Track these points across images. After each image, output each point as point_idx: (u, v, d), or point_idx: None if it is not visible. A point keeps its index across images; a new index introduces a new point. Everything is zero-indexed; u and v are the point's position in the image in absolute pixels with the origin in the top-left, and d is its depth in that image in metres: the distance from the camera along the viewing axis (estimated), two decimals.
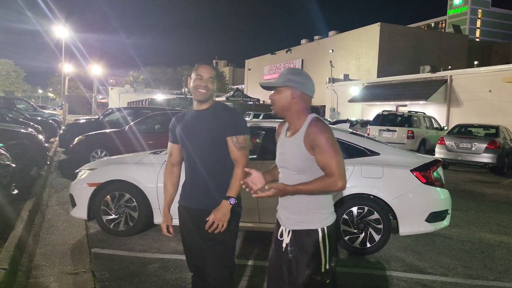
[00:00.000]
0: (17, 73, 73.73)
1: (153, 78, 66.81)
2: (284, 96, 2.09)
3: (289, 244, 2.11)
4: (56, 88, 73.77)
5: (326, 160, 1.95)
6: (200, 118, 2.43)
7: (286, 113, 2.12)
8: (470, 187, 9.96)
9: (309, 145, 1.99)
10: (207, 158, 2.40)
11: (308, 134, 1.99)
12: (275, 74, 53.46)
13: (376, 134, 16.16)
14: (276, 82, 2.11)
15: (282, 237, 2.16)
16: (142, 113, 12.32)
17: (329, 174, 1.95)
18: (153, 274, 3.85)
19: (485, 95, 23.10)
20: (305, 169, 2.02)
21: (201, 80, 2.38)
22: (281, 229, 2.18)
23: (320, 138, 1.96)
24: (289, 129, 2.16)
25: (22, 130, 9.44)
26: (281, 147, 2.16)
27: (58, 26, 28.76)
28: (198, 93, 2.38)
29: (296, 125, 2.09)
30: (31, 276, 3.74)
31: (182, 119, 2.53)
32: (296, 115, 2.09)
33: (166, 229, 2.53)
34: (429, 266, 4.38)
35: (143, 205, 4.84)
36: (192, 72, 2.46)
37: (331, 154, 1.95)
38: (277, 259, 2.19)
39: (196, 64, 2.50)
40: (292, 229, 2.10)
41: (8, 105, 18.39)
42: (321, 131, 1.97)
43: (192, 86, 2.42)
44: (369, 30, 41.05)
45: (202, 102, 2.42)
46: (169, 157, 2.62)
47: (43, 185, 7.68)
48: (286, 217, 2.14)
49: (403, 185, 4.56)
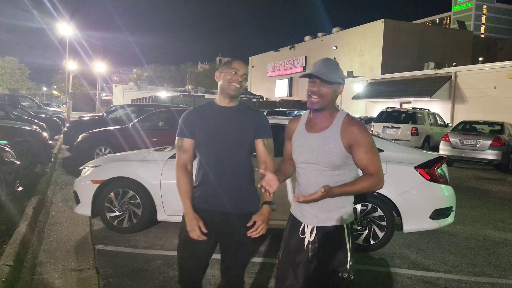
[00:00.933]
0: (22, 71, 74.13)
1: (157, 75, 66.98)
2: (334, 91, 2.04)
3: (312, 242, 2.06)
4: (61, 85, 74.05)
5: (369, 160, 1.96)
6: (229, 116, 2.31)
7: (327, 108, 2.06)
8: (474, 184, 9.92)
9: (348, 143, 1.97)
10: (236, 158, 2.30)
11: (348, 131, 1.97)
12: (278, 71, 53.36)
13: (380, 131, 16.12)
14: (331, 76, 2.01)
15: (303, 234, 2.10)
16: (146, 111, 12.34)
17: (372, 174, 1.97)
18: (156, 270, 3.86)
19: (490, 91, 22.96)
20: (341, 165, 2.00)
21: (235, 74, 2.27)
22: (302, 226, 2.11)
23: (364, 138, 1.96)
24: (312, 124, 2.10)
25: (26, 127, 9.48)
26: (303, 143, 2.09)
27: (62, 24, 28.81)
28: (232, 87, 2.27)
29: (326, 120, 2.05)
30: (35, 273, 3.76)
31: (204, 114, 2.34)
32: (332, 110, 2.07)
33: (199, 229, 2.22)
34: (433, 263, 4.37)
35: (146, 202, 4.85)
36: (224, 66, 2.35)
37: (374, 154, 1.97)
38: (292, 258, 2.12)
39: (229, 58, 2.41)
40: (318, 226, 2.06)
41: (12, 103, 18.48)
42: (364, 130, 1.98)
43: (224, 79, 2.29)
44: (373, 27, 40.85)
45: (233, 98, 2.32)
46: (183, 154, 2.34)
47: (48, 182, 7.72)
48: (313, 214, 2.07)
49: (407, 182, 4.55)
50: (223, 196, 2.29)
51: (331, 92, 2.02)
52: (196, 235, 2.21)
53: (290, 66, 51.23)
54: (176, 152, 2.38)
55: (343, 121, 2.01)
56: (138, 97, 43.93)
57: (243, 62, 2.34)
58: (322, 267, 2.04)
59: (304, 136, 2.11)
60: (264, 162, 2.33)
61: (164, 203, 4.75)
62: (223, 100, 2.34)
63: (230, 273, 2.38)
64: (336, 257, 2.02)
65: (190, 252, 2.35)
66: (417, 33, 41.68)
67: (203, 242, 2.29)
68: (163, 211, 4.78)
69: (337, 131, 2.00)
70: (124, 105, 15.81)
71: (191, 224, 2.24)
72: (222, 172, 2.29)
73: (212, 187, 2.30)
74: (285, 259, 2.16)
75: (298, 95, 47.19)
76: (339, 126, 2.01)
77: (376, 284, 3.81)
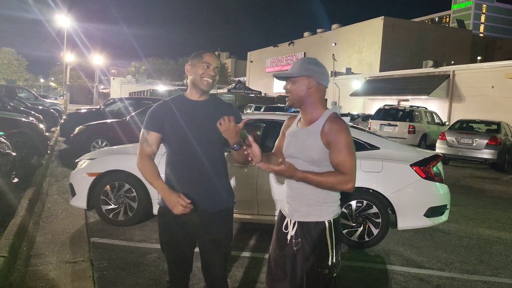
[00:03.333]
0: (19, 62, 73.66)
1: (155, 69, 66.64)
2: (301, 86, 2.04)
3: (295, 237, 2.08)
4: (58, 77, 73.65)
5: (341, 159, 1.94)
6: (202, 111, 2.23)
7: (301, 104, 2.07)
8: (470, 182, 9.97)
9: (326, 140, 1.97)
10: (210, 153, 2.21)
11: (327, 129, 1.97)
12: (277, 67, 53.30)
13: (377, 128, 16.14)
14: (292, 72, 2.05)
15: (287, 229, 2.12)
16: (144, 104, 12.32)
17: (343, 172, 1.95)
18: (152, 264, 3.87)
19: (487, 91, 23.02)
20: (319, 161, 2.00)
21: (208, 68, 2.18)
22: (286, 221, 2.14)
23: (340, 137, 1.95)
24: (302, 120, 2.13)
25: (23, 119, 9.44)
26: (292, 137, 2.12)
27: (60, 15, 28.64)
28: (204, 82, 2.18)
29: (311, 116, 2.06)
30: (30, 264, 3.76)
31: (175, 108, 2.23)
32: (312, 105, 2.06)
33: (182, 200, 2.08)
34: (426, 260, 4.39)
35: (142, 196, 4.85)
36: (194, 58, 2.22)
37: (347, 154, 1.94)
38: (280, 252, 2.15)
39: (199, 50, 2.25)
40: (299, 221, 2.07)
41: (9, 94, 18.37)
42: (341, 129, 1.96)
43: (196, 74, 2.19)
44: (372, 24, 40.80)
45: (205, 92, 2.24)
46: (147, 147, 2.23)
47: (44, 174, 7.70)
48: (294, 208, 2.09)
49: (402, 180, 4.57)
50: (198, 193, 2.20)
51: (296, 87, 2.05)
52: (181, 209, 2.07)
53: (289, 62, 51.13)
54: (140, 146, 2.25)
55: (327, 119, 2.02)
56: (136, 90, 43.84)
57: (214, 54, 2.25)
58: (304, 261, 2.06)
59: (294, 131, 2.15)
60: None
61: (160, 196, 4.75)
62: (195, 95, 2.25)
63: (212, 272, 2.32)
64: (316, 253, 2.03)
65: (175, 252, 2.31)
66: (416, 31, 41.67)
67: (183, 244, 2.25)
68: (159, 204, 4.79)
69: (319, 127, 2.01)
70: (122, 98, 15.76)
71: (171, 200, 2.09)
72: (196, 168, 2.20)
73: (185, 185, 2.20)
74: (275, 253, 2.20)
75: None
76: (321, 123, 2.02)
77: (369, 280, 3.83)
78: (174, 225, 2.25)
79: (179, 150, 2.22)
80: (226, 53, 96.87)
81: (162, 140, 2.26)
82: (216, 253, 2.29)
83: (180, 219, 2.20)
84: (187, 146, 2.20)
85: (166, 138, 2.23)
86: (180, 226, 2.25)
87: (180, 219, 2.19)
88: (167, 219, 2.26)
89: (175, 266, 2.34)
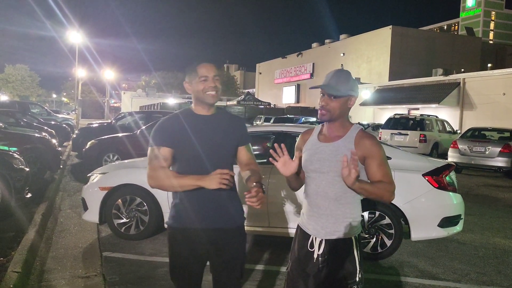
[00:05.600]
0: (32, 78, 75.03)
1: (165, 82, 67.33)
2: (344, 105, 2.03)
3: (321, 255, 2.03)
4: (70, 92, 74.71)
5: (384, 172, 1.97)
6: (212, 125, 2.15)
7: (336, 120, 2.05)
8: (484, 191, 9.81)
9: (362, 154, 1.98)
10: (225, 168, 2.05)
11: (362, 144, 1.98)
12: (285, 78, 53.46)
13: (388, 137, 16.02)
14: (340, 91, 2.00)
15: (312, 247, 2.06)
16: (154, 117, 12.41)
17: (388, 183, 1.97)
18: (162, 278, 3.86)
19: (499, 98, 22.78)
20: None
21: (206, 81, 2.08)
22: (311, 239, 2.08)
23: (379, 152, 1.98)
24: (326, 134, 2.10)
25: (36, 134, 9.58)
26: (315, 152, 2.07)
27: (72, 32, 29.17)
28: (208, 96, 2.09)
29: (339, 131, 2.06)
30: (43, 280, 3.78)
31: (185, 123, 2.12)
32: (343, 121, 2.07)
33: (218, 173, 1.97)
34: (441, 272, 4.32)
35: (153, 209, 4.86)
36: (190, 74, 2.12)
37: (387, 167, 1.99)
38: (302, 270, 2.09)
39: (193, 63, 2.14)
40: (326, 239, 2.03)
41: (22, 110, 18.65)
42: (377, 143, 2.00)
43: (197, 90, 2.10)
44: (381, 33, 40.82)
45: (212, 105, 2.17)
46: (163, 163, 2.09)
47: (56, 189, 7.77)
48: (321, 226, 2.04)
49: (415, 190, 4.51)
50: (213, 211, 2.11)
51: (338, 106, 2.02)
52: (220, 181, 1.96)
53: (297, 73, 51.33)
54: (150, 164, 2.10)
55: (357, 134, 2.02)
56: (146, 104, 44.26)
57: (208, 63, 2.13)
58: (331, 279, 2.02)
59: (315, 145, 2.10)
60: (248, 165, 2.23)
61: (169, 215, 4.75)
62: (202, 110, 2.16)
63: None
64: (345, 269, 2.00)
65: (188, 274, 2.19)
66: (425, 40, 41.57)
67: (193, 266, 2.16)
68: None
69: (351, 141, 2.00)
70: (132, 112, 15.92)
71: (211, 182, 1.97)
72: None
73: (199, 202, 2.10)
74: (295, 271, 2.12)
75: (306, 102, 47.19)
76: (353, 137, 2.01)
77: None
78: (184, 245, 2.15)
79: (189, 166, 2.11)
80: (235, 65, 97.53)
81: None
82: (234, 272, 2.20)
83: (194, 239, 2.12)
84: (197, 162, 2.10)
85: (177, 154, 2.12)
86: (191, 246, 2.15)
87: (194, 239, 2.12)
88: (177, 240, 2.17)
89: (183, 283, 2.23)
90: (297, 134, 5.12)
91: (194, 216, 2.11)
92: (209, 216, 2.12)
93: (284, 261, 4.41)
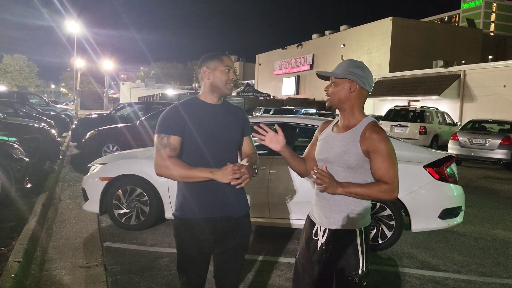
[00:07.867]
0: (30, 68, 74.79)
1: (164, 73, 67.17)
2: (342, 89, 2.01)
3: (325, 244, 2.03)
4: (69, 83, 74.56)
5: (385, 169, 1.92)
6: (220, 115, 2.16)
7: (341, 107, 2.04)
8: (484, 183, 9.83)
9: (366, 148, 1.94)
10: (229, 157, 2.13)
11: (368, 137, 1.93)
12: (285, 69, 53.24)
13: (388, 129, 16.01)
14: (336, 73, 2.02)
15: (317, 236, 2.07)
16: (153, 108, 12.39)
17: (386, 182, 1.93)
18: (164, 268, 3.87)
19: (499, 90, 22.71)
20: (356, 167, 1.97)
21: (229, 72, 2.13)
22: (316, 227, 2.09)
23: (383, 147, 1.92)
24: (339, 125, 2.09)
25: (35, 124, 9.55)
26: (326, 142, 2.08)
27: (70, 22, 28.99)
28: (228, 87, 2.14)
29: (349, 121, 2.03)
30: (44, 269, 3.79)
31: (193, 111, 2.12)
32: (351, 110, 2.03)
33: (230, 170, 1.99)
34: (441, 263, 4.33)
35: (154, 200, 4.86)
36: (212, 61, 2.14)
37: (391, 164, 1.92)
38: (308, 258, 2.11)
39: (214, 52, 2.19)
40: (329, 228, 2.03)
41: (21, 100, 18.58)
42: (384, 139, 1.93)
43: (218, 78, 2.12)
44: (381, 25, 40.58)
45: (225, 96, 2.21)
46: (172, 153, 2.05)
47: (56, 179, 7.77)
48: (326, 215, 2.04)
49: (415, 181, 4.51)
50: (222, 200, 2.12)
51: (337, 90, 2.02)
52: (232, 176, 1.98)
53: (297, 64, 51.07)
54: (157, 152, 2.07)
55: (366, 127, 1.98)
56: (145, 95, 44.13)
57: (229, 56, 2.21)
58: (333, 268, 2.03)
59: (328, 135, 2.10)
60: (249, 155, 2.27)
61: (171, 200, 4.76)
62: (213, 99, 2.17)
63: (229, 279, 2.24)
64: (347, 261, 1.99)
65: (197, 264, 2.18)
66: (425, 31, 41.34)
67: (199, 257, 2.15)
68: (170, 208, 4.79)
69: (358, 133, 1.97)
70: (131, 103, 15.87)
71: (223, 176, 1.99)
72: None
73: (209, 191, 2.10)
74: (302, 259, 2.14)
75: (305, 93, 47.06)
76: (360, 129, 1.98)
77: (384, 284, 3.79)
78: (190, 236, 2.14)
79: (200, 155, 2.10)
80: (234, 56, 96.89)
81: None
82: (238, 260, 2.24)
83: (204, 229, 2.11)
84: (208, 151, 2.10)
85: (185, 142, 2.10)
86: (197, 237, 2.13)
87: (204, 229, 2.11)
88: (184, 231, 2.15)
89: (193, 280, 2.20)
90: (297, 125, 5.11)
91: (208, 205, 2.11)
92: (214, 206, 2.12)
93: (283, 251, 4.43)
